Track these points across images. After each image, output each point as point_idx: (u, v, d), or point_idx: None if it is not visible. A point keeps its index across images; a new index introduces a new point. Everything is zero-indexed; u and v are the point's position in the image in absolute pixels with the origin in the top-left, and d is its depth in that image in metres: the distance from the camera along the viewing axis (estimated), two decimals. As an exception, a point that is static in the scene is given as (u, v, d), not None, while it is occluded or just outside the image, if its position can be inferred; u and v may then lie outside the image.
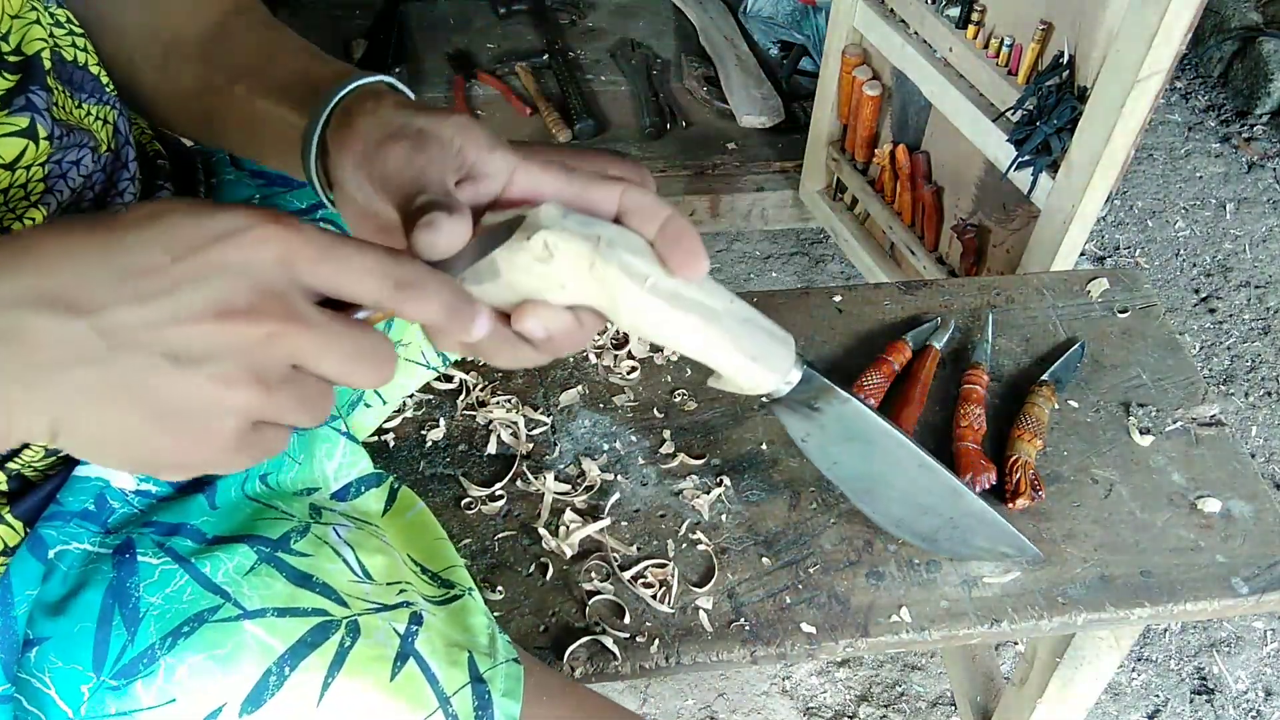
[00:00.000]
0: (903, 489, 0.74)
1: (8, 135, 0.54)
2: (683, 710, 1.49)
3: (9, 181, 0.55)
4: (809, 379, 0.60)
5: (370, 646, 0.59)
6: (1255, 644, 1.57)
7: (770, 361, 0.55)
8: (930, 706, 1.50)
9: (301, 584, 0.60)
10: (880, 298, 1.02)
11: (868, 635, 0.77)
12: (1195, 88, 2.49)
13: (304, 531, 0.63)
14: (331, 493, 0.70)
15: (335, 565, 0.62)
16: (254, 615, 0.57)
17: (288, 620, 0.58)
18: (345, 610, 0.60)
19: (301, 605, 0.59)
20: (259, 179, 0.84)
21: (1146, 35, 1.10)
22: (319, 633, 0.58)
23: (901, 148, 1.66)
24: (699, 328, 0.51)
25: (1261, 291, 2.06)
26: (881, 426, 0.68)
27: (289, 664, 0.57)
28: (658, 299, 0.49)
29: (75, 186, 0.59)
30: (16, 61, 0.54)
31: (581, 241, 0.47)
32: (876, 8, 1.58)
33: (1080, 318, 1.01)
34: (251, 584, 0.58)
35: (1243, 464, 0.89)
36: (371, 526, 0.69)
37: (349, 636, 0.59)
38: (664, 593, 0.79)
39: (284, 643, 0.57)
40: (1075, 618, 0.79)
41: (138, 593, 0.56)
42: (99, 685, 0.54)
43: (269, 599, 0.58)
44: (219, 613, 0.57)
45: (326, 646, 0.58)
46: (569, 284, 0.48)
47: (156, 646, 0.55)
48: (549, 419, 0.91)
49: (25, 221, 0.57)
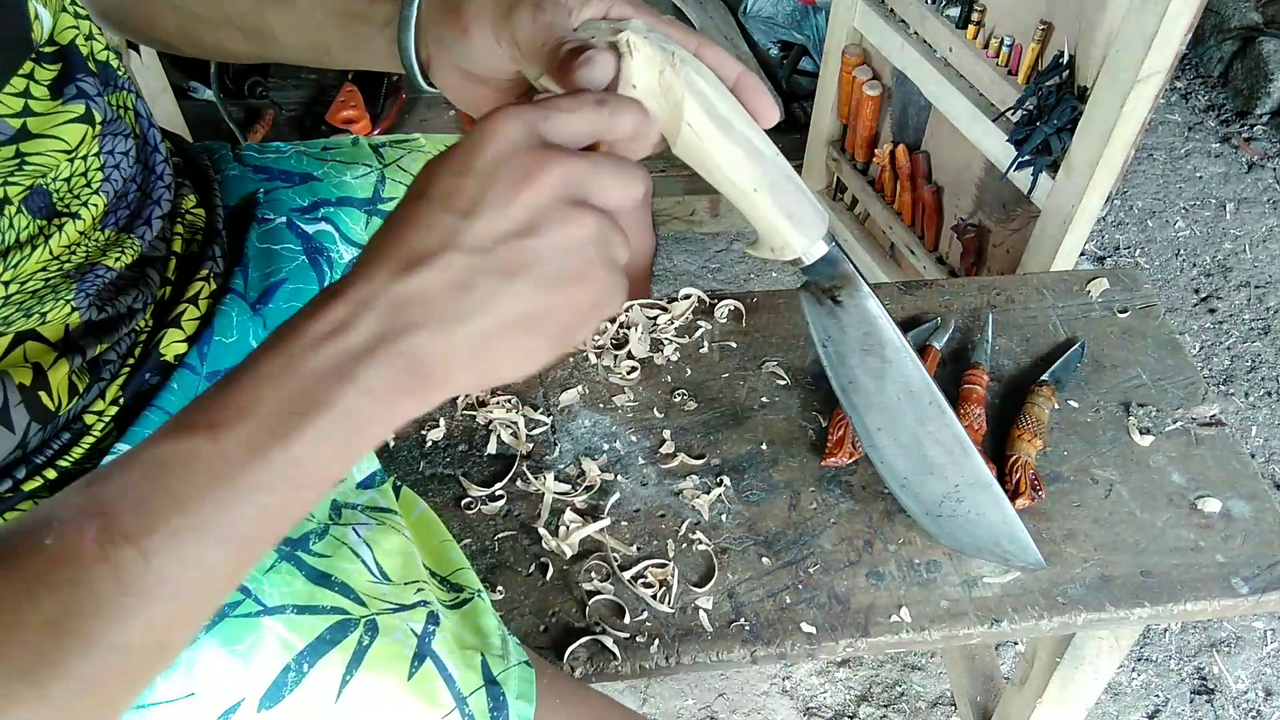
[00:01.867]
0: (912, 431, 0.75)
1: (69, 122, 0.54)
2: (683, 710, 1.49)
3: (70, 172, 0.56)
4: (835, 259, 0.63)
5: (388, 645, 0.60)
6: (1255, 644, 1.57)
7: (803, 223, 0.58)
8: (930, 706, 1.50)
9: (320, 582, 0.61)
10: (880, 297, 1.02)
11: (868, 635, 0.77)
12: (1195, 88, 2.49)
13: (323, 533, 0.64)
14: (357, 482, 0.71)
15: (354, 565, 0.63)
16: (274, 611, 0.58)
17: (307, 617, 0.58)
18: (364, 610, 0.60)
19: (321, 603, 0.59)
20: (262, 173, 0.84)
21: (1146, 35, 1.10)
22: (338, 630, 0.59)
23: (901, 148, 1.66)
24: (744, 162, 0.54)
25: (1261, 291, 2.06)
26: (897, 340, 0.70)
27: (308, 660, 0.57)
28: (713, 123, 0.53)
29: (126, 175, 0.61)
30: (53, 52, 0.55)
31: (658, 49, 0.52)
32: (876, 8, 1.58)
33: (1080, 318, 1.01)
34: (272, 581, 0.59)
35: (1243, 464, 0.89)
36: (393, 517, 0.69)
37: (367, 635, 0.59)
38: (664, 593, 0.79)
39: (303, 639, 0.58)
40: (1075, 618, 0.79)
41: None
42: None
43: (289, 596, 0.59)
44: (239, 608, 0.57)
45: (345, 644, 0.59)
46: (639, 86, 0.52)
47: None
48: (549, 419, 0.91)
49: (90, 208, 0.57)
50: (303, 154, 0.88)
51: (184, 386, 0.64)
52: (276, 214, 0.79)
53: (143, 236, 0.63)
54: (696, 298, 1.00)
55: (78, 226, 0.57)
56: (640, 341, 0.96)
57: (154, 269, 0.66)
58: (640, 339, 0.96)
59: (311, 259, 0.77)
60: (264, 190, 0.81)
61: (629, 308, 0.99)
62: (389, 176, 0.88)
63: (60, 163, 0.55)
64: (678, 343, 0.97)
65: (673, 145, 0.55)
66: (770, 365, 0.95)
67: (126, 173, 0.61)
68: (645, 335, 0.96)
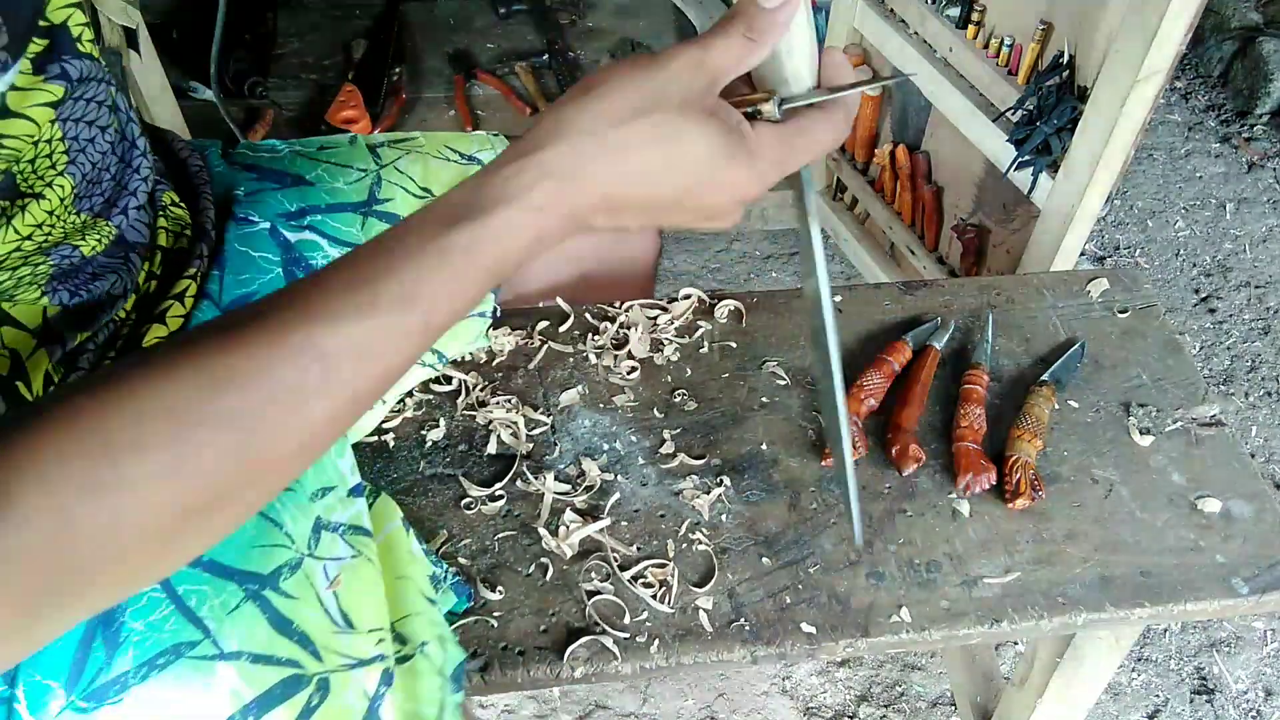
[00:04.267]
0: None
1: (44, 104, 0.54)
2: (683, 710, 1.49)
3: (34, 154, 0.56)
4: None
5: (337, 709, 0.60)
6: (1255, 644, 1.57)
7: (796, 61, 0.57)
8: (930, 706, 1.50)
9: (281, 630, 0.60)
10: (880, 298, 1.02)
11: (868, 635, 0.77)
12: (1195, 88, 2.49)
13: (295, 567, 0.63)
14: (349, 489, 0.70)
15: (316, 613, 0.62)
16: (229, 657, 0.57)
17: (261, 668, 0.58)
18: (319, 665, 0.60)
19: (277, 654, 0.59)
20: (251, 172, 0.84)
21: (1146, 35, 1.10)
22: (290, 685, 0.58)
23: (901, 148, 1.66)
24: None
25: (1261, 291, 2.06)
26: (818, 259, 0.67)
27: (254, 713, 0.57)
28: None
29: (96, 161, 0.61)
30: (45, 27, 0.55)
31: None
32: (876, 8, 1.58)
33: (1080, 318, 1.01)
34: (234, 622, 0.58)
35: (1243, 464, 0.89)
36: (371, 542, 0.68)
37: (318, 694, 0.59)
38: (664, 593, 0.79)
39: (254, 690, 0.57)
40: (1075, 618, 0.79)
41: (123, 616, 0.56)
42: (68, 704, 0.54)
43: (247, 642, 0.58)
44: (196, 649, 0.57)
45: (294, 701, 0.58)
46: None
47: (130, 674, 0.55)
48: (549, 419, 0.91)
49: (55, 189, 0.57)
50: (298, 154, 0.88)
51: None
52: (261, 217, 0.79)
53: (119, 225, 0.63)
54: (696, 298, 1.00)
55: (44, 206, 0.57)
56: (640, 341, 0.96)
57: (136, 254, 0.66)
58: (640, 339, 0.96)
59: (288, 271, 0.77)
60: (245, 190, 0.81)
61: (629, 308, 0.99)
62: (385, 178, 0.88)
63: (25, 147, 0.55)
64: (678, 343, 0.97)
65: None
66: (770, 365, 0.95)
67: (95, 159, 0.61)
68: (645, 335, 0.96)
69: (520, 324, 0.98)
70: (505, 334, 0.96)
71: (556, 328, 0.98)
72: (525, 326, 0.98)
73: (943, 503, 0.85)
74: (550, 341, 0.97)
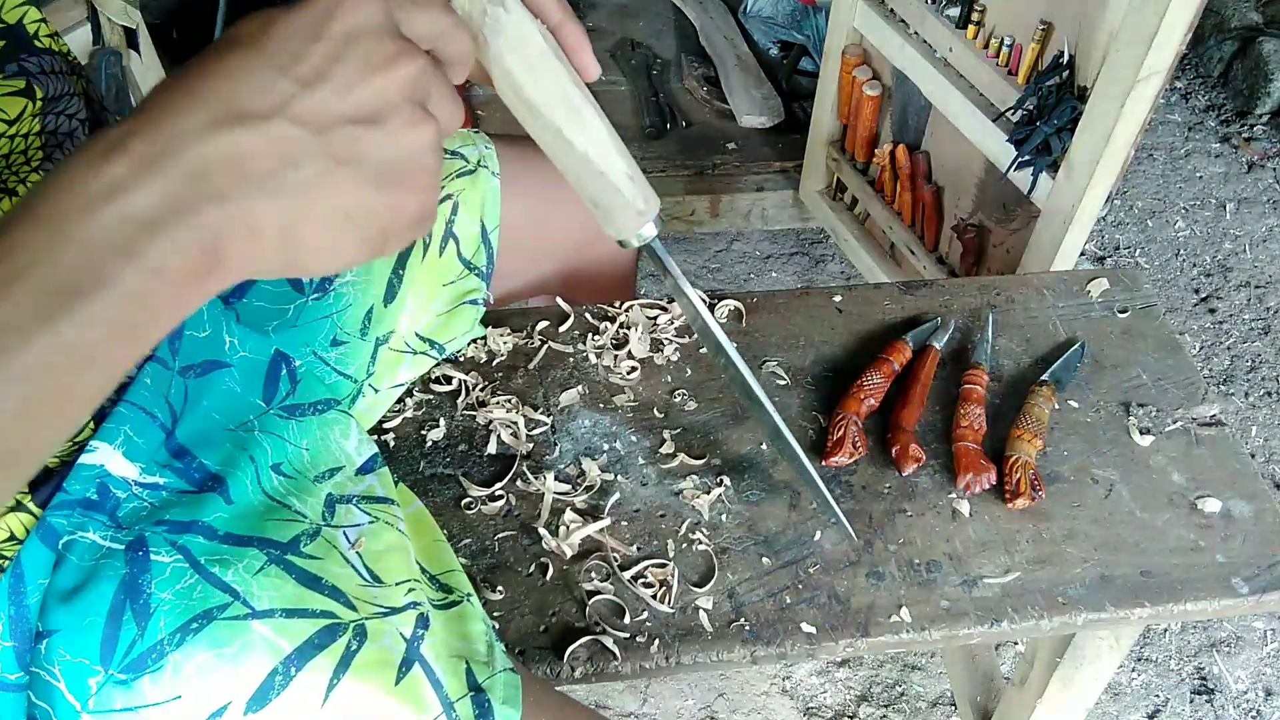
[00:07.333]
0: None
1: (7, 95, 0.55)
2: (683, 710, 1.49)
3: (9, 149, 0.56)
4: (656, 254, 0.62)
5: (376, 651, 0.59)
6: (1255, 644, 1.57)
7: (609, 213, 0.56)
8: (930, 706, 1.50)
9: (310, 585, 0.60)
10: (880, 298, 1.02)
11: (868, 635, 0.77)
12: (1195, 88, 2.49)
13: (314, 535, 0.63)
14: (357, 468, 0.70)
15: (344, 570, 0.62)
16: (262, 615, 0.57)
17: (295, 621, 0.58)
18: (353, 614, 0.60)
19: (309, 607, 0.59)
20: None
21: (1146, 35, 1.10)
22: (326, 635, 0.58)
23: (901, 148, 1.66)
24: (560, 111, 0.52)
25: (1261, 291, 2.06)
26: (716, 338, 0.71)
27: (295, 664, 0.57)
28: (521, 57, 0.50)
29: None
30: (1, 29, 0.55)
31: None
32: (876, 8, 1.58)
33: (1080, 318, 1.01)
34: (261, 584, 0.59)
35: (1243, 464, 0.89)
36: (390, 508, 0.69)
37: (355, 640, 0.59)
38: (664, 593, 0.79)
39: (291, 643, 0.57)
40: (1075, 618, 0.79)
41: (149, 589, 0.57)
42: (107, 679, 0.54)
43: (277, 600, 0.58)
44: (228, 610, 0.57)
45: (333, 649, 0.58)
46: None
47: (165, 641, 0.55)
48: (549, 419, 0.91)
49: (26, 185, 0.57)
50: None
51: (156, 380, 0.64)
52: None
53: None
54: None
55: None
56: (640, 341, 0.96)
57: None
58: (640, 339, 0.96)
59: None
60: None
61: (629, 308, 0.99)
62: None
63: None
64: (678, 343, 0.97)
65: (484, 63, 0.51)
66: (770, 365, 0.95)
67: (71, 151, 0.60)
68: (645, 335, 0.96)
69: (520, 324, 0.98)
70: (505, 334, 0.96)
71: (556, 328, 0.98)
72: (525, 326, 0.98)
73: (943, 503, 0.85)
74: (550, 341, 0.97)
